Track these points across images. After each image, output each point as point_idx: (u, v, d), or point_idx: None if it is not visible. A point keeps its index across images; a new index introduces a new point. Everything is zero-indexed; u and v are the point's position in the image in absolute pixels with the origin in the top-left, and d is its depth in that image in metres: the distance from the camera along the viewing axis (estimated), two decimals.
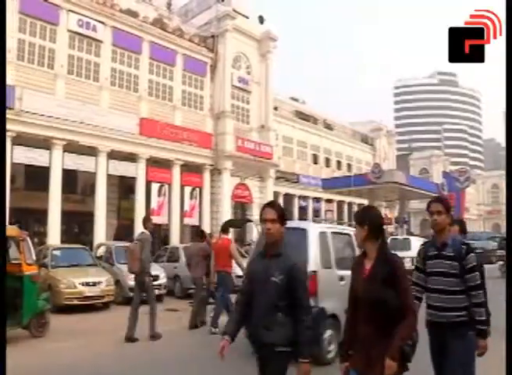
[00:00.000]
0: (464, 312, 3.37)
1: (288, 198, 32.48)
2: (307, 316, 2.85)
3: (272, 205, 3.09)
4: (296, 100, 39.07)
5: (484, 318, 3.36)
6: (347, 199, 36.74)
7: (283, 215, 3.01)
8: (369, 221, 2.87)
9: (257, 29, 27.86)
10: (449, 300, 3.43)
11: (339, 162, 39.76)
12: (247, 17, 27.42)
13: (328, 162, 38.41)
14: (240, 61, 27.03)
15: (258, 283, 2.97)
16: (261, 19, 28.83)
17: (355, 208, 38.84)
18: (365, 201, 36.05)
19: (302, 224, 7.61)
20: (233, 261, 8.98)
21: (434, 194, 35.10)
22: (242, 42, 26.71)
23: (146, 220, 8.79)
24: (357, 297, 2.83)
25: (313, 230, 6.80)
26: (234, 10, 25.86)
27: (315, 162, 36.88)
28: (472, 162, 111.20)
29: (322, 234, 6.81)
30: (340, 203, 37.12)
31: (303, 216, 33.70)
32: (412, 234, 29.14)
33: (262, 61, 28.03)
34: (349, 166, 40.84)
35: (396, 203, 36.35)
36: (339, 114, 63.61)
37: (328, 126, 39.33)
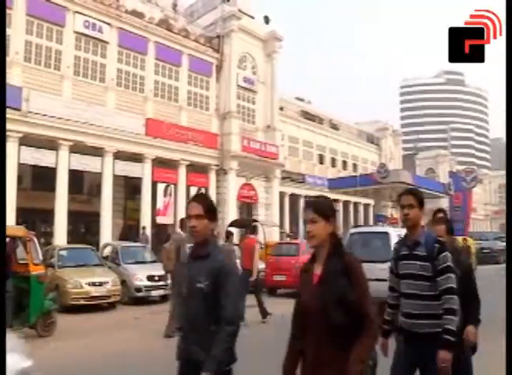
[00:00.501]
0: (441, 321, 2.98)
1: (294, 198, 32.44)
2: (230, 327, 2.38)
3: (197, 198, 2.63)
4: (301, 100, 39.02)
5: (453, 328, 2.90)
6: (353, 199, 36.67)
7: (212, 209, 2.58)
8: (332, 214, 2.38)
9: (263, 29, 27.88)
10: (421, 306, 3.05)
11: (344, 162, 39.68)
12: (253, 17, 27.46)
13: (334, 162, 38.35)
14: (246, 61, 27.05)
15: (186, 290, 2.56)
16: (267, 20, 28.86)
17: (361, 209, 38.80)
18: (371, 201, 36.02)
19: (383, 229, 10.41)
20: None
21: (440, 195, 35.01)
22: (247, 42, 26.72)
23: (182, 222, 9.25)
24: (306, 312, 2.33)
25: (393, 232, 9.02)
26: (239, 10, 25.88)
27: (321, 162, 36.84)
28: (479, 162, 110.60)
29: (399, 236, 8.25)
30: (346, 203, 37.03)
31: None
32: None
33: (268, 61, 28.03)
34: (355, 165, 40.76)
35: None
36: (345, 114, 63.54)
37: (334, 126, 39.26)
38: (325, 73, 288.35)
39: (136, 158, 21.07)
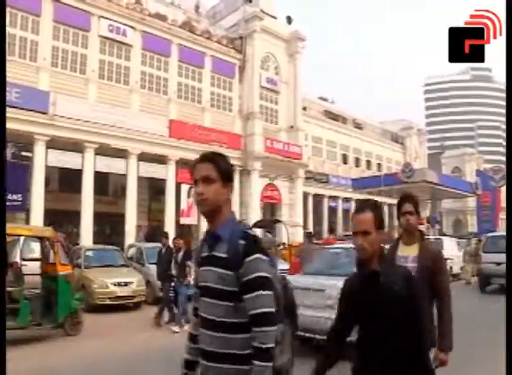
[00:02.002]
0: (250, 367, 1.78)
1: (318, 198, 32.31)
2: None
3: None
4: (325, 100, 38.84)
5: None
6: (377, 199, 36.29)
7: None
8: None
9: (285, 29, 27.83)
10: (219, 340, 1.86)
11: (368, 162, 39.30)
12: (275, 18, 27.44)
13: (357, 161, 38.03)
14: (268, 61, 27.03)
15: None
16: (289, 20, 28.80)
17: (385, 209, 38.30)
18: (396, 201, 35.58)
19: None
20: None
21: (468, 194, 34.35)
22: (270, 43, 26.70)
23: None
24: None
25: None
26: (262, 11, 25.89)
27: (345, 162, 36.58)
28: None
29: None
30: None
31: (332, 216, 33.46)
32: (445, 235, 28.57)
33: (290, 61, 27.95)
34: (379, 165, 40.32)
35: (427, 203, 35.70)
36: (368, 114, 62.97)
37: (358, 126, 38.95)
38: (346, 73, 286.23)
39: (160, 159, 21.28)
